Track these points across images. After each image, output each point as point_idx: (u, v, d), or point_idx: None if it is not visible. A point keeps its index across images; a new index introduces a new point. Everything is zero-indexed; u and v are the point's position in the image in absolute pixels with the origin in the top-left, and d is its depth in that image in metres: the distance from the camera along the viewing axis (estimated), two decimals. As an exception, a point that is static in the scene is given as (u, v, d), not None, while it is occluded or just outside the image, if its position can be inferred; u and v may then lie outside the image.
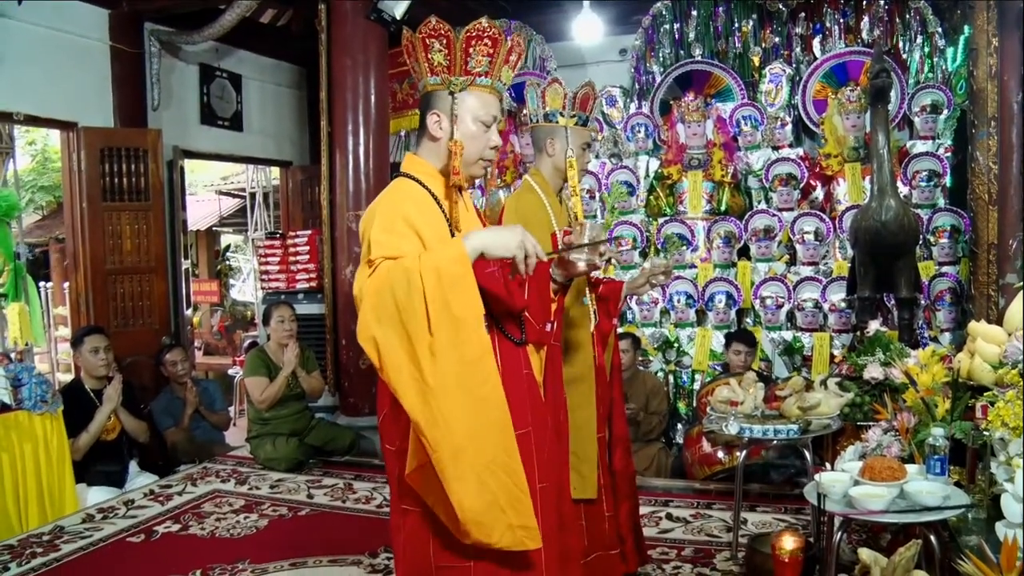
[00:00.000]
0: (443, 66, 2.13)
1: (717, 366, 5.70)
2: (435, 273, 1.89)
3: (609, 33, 7.18)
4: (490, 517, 1.94)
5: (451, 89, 2.13)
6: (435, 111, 2.15)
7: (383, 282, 1.90)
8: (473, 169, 2.18)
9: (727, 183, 6.32)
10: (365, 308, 1.92)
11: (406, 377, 1.90)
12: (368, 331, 1.91)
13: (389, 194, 2.14)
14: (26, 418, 4.35)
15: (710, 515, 4.21)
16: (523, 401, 2.11)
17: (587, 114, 3.15)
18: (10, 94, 5.60)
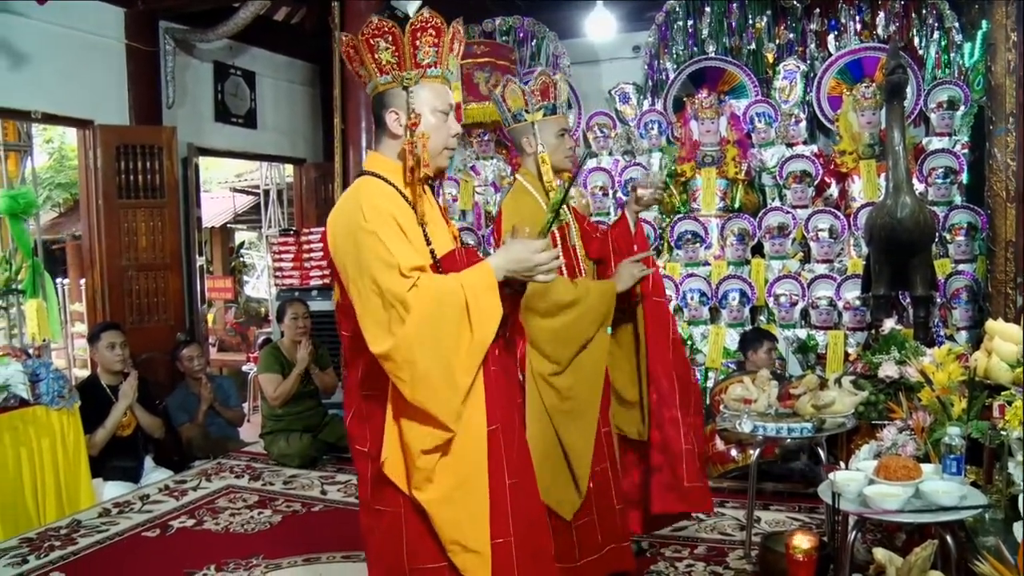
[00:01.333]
0: (392, 63, 2.13)
1: (731, 364, 5.68)
2: (478, 304, 1.98)
3: (622, 30, 7.16)
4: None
5: (404, 84, 2.13)
6: (392, 109, 2.15)
7: (437, 304, 1.96)
8: (440, 160, 2.20)
9: (741, 180, 6.30)
10: (411, 329, 1.93)
11: (438, 394, 1.96)
12: (409, 351, 1.93)
13: (367, 194, 2.10)
14: (44, 413, 4.39)
15: (723, 513, 4.20)
16: (493, 398, 2.11)
17: (552, 102, 3.15)
18: (28, 93, 5.65)
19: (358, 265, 2.00)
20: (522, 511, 2.15)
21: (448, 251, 2.16)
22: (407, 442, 2.01)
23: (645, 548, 3.73)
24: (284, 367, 5.36)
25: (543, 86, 3.14)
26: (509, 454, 2.14)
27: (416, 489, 2.02)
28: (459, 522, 2.02)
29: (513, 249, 2.07)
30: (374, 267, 1.97)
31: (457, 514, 2.02)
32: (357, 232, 2.01)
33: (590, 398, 3.11)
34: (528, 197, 3.16)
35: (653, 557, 3.71)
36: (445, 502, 2.01)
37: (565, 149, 3.19)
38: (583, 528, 3.12)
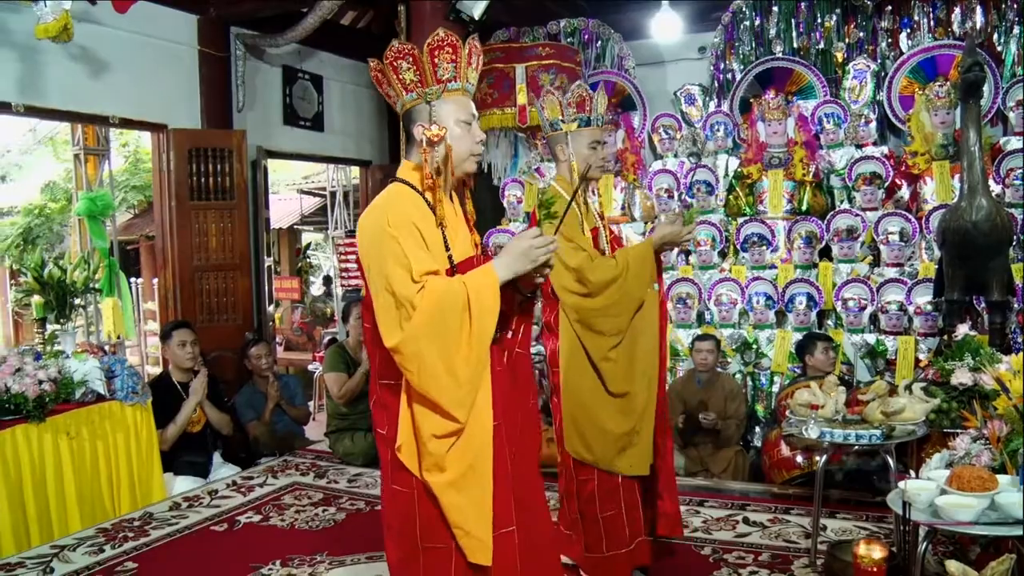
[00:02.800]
0: (415, 82, 2.31)
1: (796, 368, 5.59)
2: (479, 302, 2.15)
3: (688, 31, 7.11)
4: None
5: (428, 99, 2.31)
6: (419, 123, 2.31)
7: (440, 304, 2.13)
8: (466, 165, 2.36)
9: (808, 182, 6.19)
10: (419, 323, 2.12)
11: (441, 383, 2.14)
12: (416, 345, 2.12)
13: (393, 200, 2.29)
14: (118, 408, 4.52)
15: (788, 520, 4.13)
16: (496, 396, 2.26)
17: (587, 114, 3.29)
18: (106, 98, 5.84)
19: (378, 265, 2.18)
20: (523, 503, 2.31)
21: (467, 257, 2.33)
22: (419, 428, 2.18)
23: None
24: (349, 366, 5.44)
25: (579, 99, 3.29)
26: (511, 449, 2.30)
27: (427, 472, 2.18)
28: (463, 508, 2.18)
29: (511, 245, 2.23)
30: (390, 268, 2.15)
31: (462, 500, 2.18)
32: (381, 235, 2.19)
33: (650, 359, 3.29)
34: (562, 201, 3.21)
35: (716, 563, 3.66)
36: (452, 488, 2.17)
37: (597, 160, 3.33)
38: (610, 520, 3.28)
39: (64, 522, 4.18)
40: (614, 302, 3.23)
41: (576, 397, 3.31)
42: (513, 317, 2.41)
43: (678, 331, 6.09)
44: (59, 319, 4.70)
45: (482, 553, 2.18)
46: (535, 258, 2.19)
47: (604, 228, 3.50)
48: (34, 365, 4.15)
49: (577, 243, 3.29)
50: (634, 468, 3.29)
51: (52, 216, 12.56)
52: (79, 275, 4.76)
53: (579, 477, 3.34)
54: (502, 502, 2.24)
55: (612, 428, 3.27)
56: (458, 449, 2.18)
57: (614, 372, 3.27)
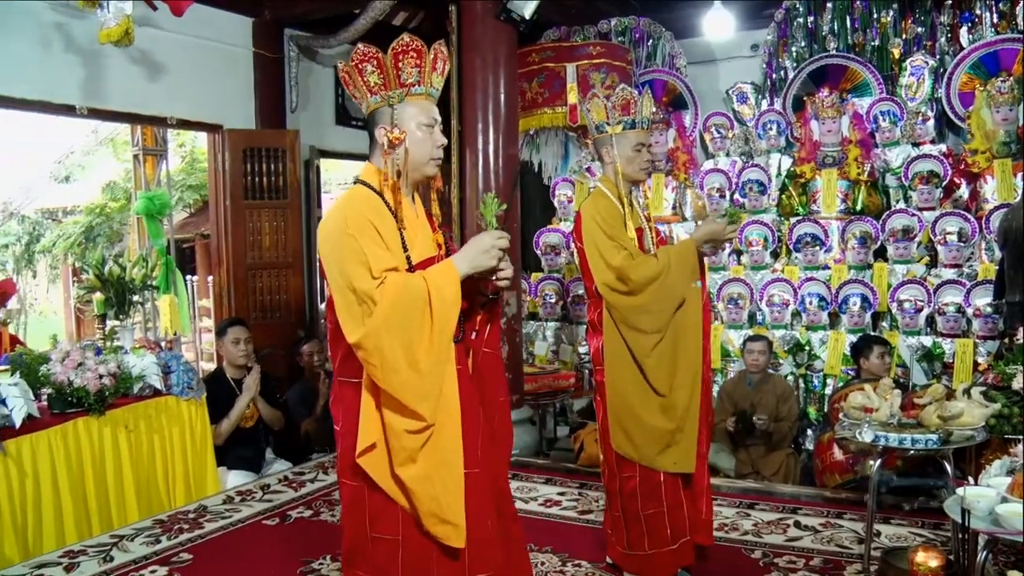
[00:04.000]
0: (379, 85, 2.35)
1: (850, 371, 5.50)
2: (440, 295, 2.21)
3: (740, 28, 7.03)
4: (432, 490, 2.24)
5: (390, 102, 2.35)
6: (381, 125, 2.36)
7: (400, 298, 2.18)
8: (427, 168, 2.40)
9: (863, 181, 6.09)
10: (380, 317, 2.17)
11: (402, 377, 2.19)
12: (378, 339, 2.17)
13: (352, 201, 2.34)
14: (174, 403, 4.62)
15: (840, 525, 4.07)
16: (462, 393, 2.33)
17: (631, 117, 3.34)
18: (164, 100, 5.97)
19: (338, 264, 2.23)
20: (484, 496, 2.37)
21: (427, 257, 2.37)
22: (390, 425, 2.23)
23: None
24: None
25: (624, 102, 3.34)
26: (472, 445, 2.34)
27: (400, 467, 2.24)
28: (437, 497, 2.24)
29: (473, 242, 2.30)
30: (349, 267, 2.21)
31: (436, 490, 2.24)
32: (340, 235, 2.24)
33: (694, 356, 3.32)
34: (606, 200, 3.41)
35: (767, 567, 3.62)
36: (426, 480, 2.24)
37: (641, 162, 3.38)
38: (652, 518, 3.30)
39: (123, 512, 4.28)
40: (655, 299, 3.27)
41: (620, 394, 3.35)
42: (476, 317, 2.48)
43: (729, 332, 6.03)
44: (118, 315, 4.81)
45: (456, 538, 2.26)
46: (496, 256, 2.26)
47: (650, 229, 3.53)
48: (95, 360, 4.25)
49: (619, 242, 3.33)
50: (679, 465, 3.31)
51: (112, 215, 12.89)
52: (137, 272, 4.87)
53: (622, 474, 3.37)
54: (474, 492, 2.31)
55: (656, 425, 3.30)
56: (431, 445, 2.24)
57: (657, 369, 3.30)
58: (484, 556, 2.32)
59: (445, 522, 2.25)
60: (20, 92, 5.15)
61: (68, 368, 4.12)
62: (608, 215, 3.37)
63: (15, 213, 13.46)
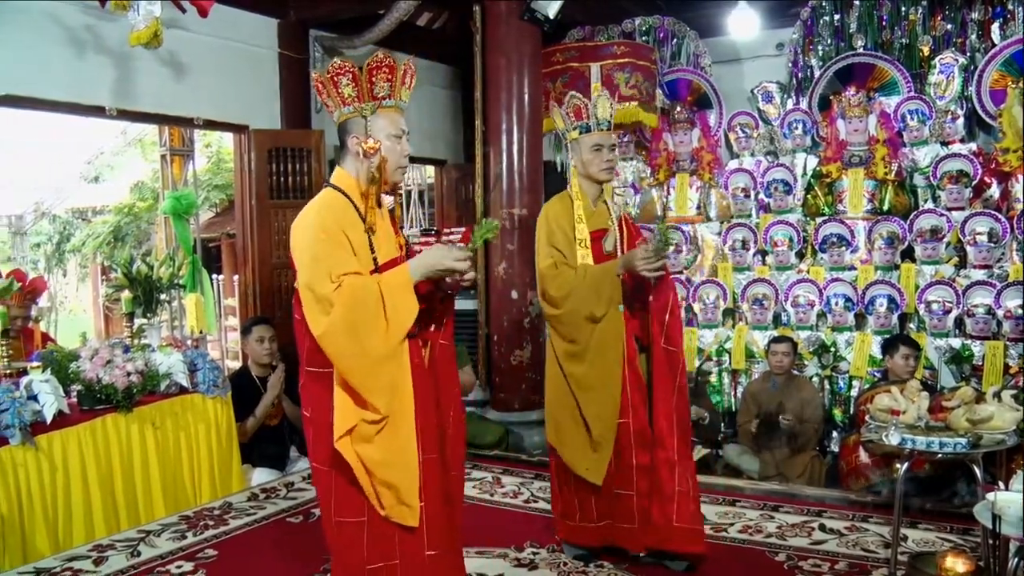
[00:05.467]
0: (352, 97, 2.54)
1: (876, 372, 5.45)
2: (391, 297, 2.41)
3: (765, 27, 7.00)
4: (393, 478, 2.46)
5: (363, 114, 2.54)
6: (354, 135, 2.55)
7: (355, 300, 2.39)
8: (395, 175, 2.60)
9: (891, 181, 6.03)
10: (336, 317, 2.37)
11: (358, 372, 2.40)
12: (335, 337, 2.38)
13: (326, 205, 2.53)
14: (200, 400, 4.66)
15: (866, 528, 4.03)
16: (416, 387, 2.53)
17: (584, 121, 3.51)
18: (191, 101, 6.03)
19: (307, 264, 2.43)
20: (435, 484, 2.57)
21: (392, 258, 2.57)
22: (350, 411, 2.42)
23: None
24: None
25: (575, 108, 3.52)
26: (427, 433, 2.55)
27: (358, 444, 2.43)
28: (395, 482, 2.45)
29: (429, 254, 2.50)
30: (312, 269, 2.42)
31: (393, 474, 2.45)
32: (311, 237, 2.46)
33: (608, 373, 3.44)
34: (560, 204, 3.59)
35: (791, 570, 3.60)
36: (384, 464, 2.44)
37: (600, 162, 3.51)
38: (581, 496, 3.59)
39: (150, 508, 4.33)
40: (566, 312, 3.46)
41: (551, 388, 3.61)
42: (435, 312, 2.68)
43: (754, 332, 6.00)
44: (146, 314, 4.86)
45: (411, 518, 2.48)
46: (446, 267, 2.47)
47: (619, 230, 3.63)
48: (123, 357, 4.30)
49: (555, 247, 3.51)
50: (589, 473, 3.48)
51: (140, 214, 13.03)
52: (165, 271, 4.91)
53: (553, 454, 3.67)
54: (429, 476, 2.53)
55: (571, 428, 3.50)
56: (388, 432, 2.44)
57: (573, 377, 3.49)
58: (437, 534, 2.55)
59: (402, 503, 2.46)
60: (52, 94, 5.23)
61: (97, 365, 4.17)
62: (556, 218, 3.55)
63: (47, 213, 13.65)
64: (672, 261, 3.40)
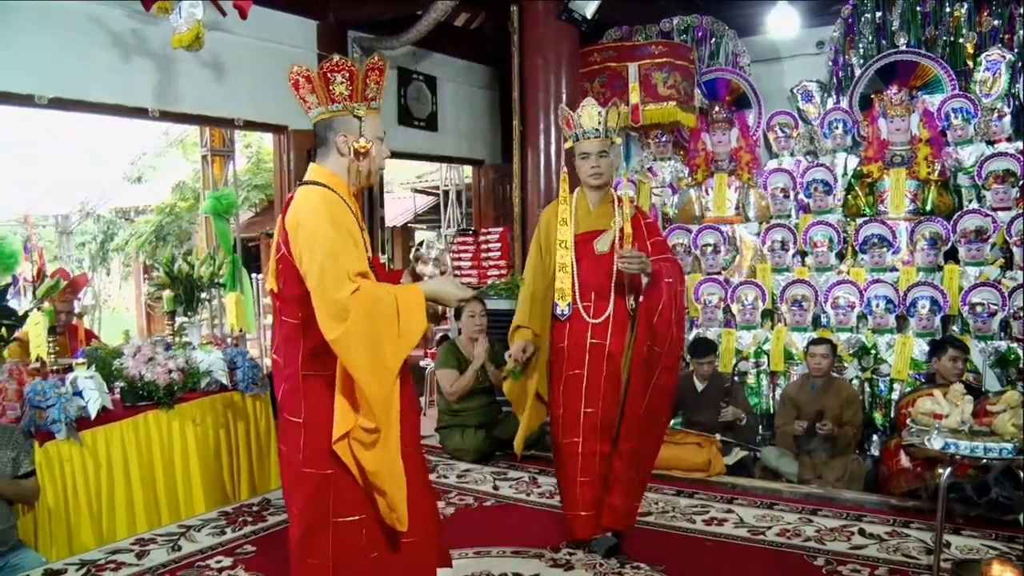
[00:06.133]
0: (344, 95, 2.51)
1: (919, 376, 5.36)
2: (407, 315, 2.45)
3: (805, 25, 6.93)
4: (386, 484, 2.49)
5: (356, 113, 2.53)
6: (342, 133, 2.53)
7: (374, 309, 2.38)
8: (375, 177, 2.65)
9: (934, 181, 5.93)
10: (354, 324, 2.34)
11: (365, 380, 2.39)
12: (348, 343, 2.35)
13: (327, 203, 2.47)
14: (239, 398, 4.72)
15: (907, 534, 3.97)
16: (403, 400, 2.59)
17: (573, 131, 3.71)
18: (231, 102, 6.11)
19: (318, 264, 2.36)
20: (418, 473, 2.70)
21: (371, 256, 2.59)
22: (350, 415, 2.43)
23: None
24: (461, 363, 5.51)
25: (565, 119, 3.74)
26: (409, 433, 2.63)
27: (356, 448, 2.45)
28: (386, 491, 2.48)
29: (443, 284, 2.63)
30: (329, 269, 2.35)
31: (384, 484, 2.47)
32: (322, 235, 2.38)
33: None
34: (553, 207, 3.84)
35: (829, 574, 3.56)
36: (376, 475, 2.46)
37: (586, 169, 3.69)
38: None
39: (190, 503, 4.40)
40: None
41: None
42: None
43: (792, 334, 5.93)
44: (187, 312, 4.94)
45: (401, 524, 2.52)
46: (450, 299, 2.61)
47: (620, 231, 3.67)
48: (164, 355, 4.37)
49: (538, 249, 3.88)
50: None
51: (181, 214, 13.22)
52: (205, 270, 4.99)
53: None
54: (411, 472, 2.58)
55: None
56: (378, 447, 2.45)
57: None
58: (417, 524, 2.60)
59: (392, 510, 2.50)
60: (97, 96, 5.34)
61: (139, 363, 4.25)
62: (544, 220, 3.86)
63: (91, 213, 13.90)
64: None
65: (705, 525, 4.15)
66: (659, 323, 3.58)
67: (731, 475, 4.94)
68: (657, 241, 3.76)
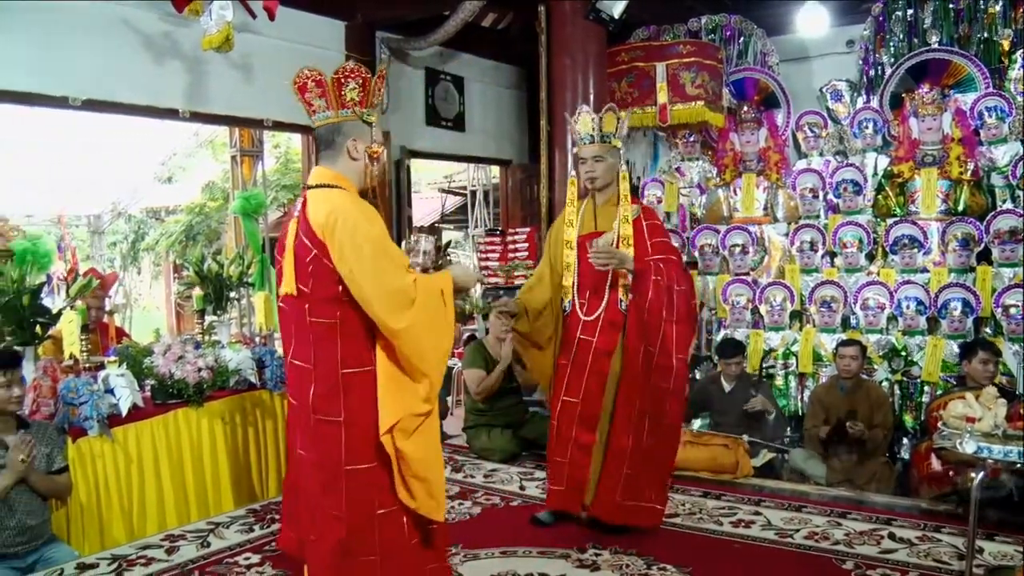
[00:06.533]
0: (355, 101, 2.61)
1: (950, 378, 5.29)
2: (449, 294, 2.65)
3: (835, 24, 6.88)
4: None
5: (364, 119, 2.64)
6: (353, 137, 2.63)
7: (431, 298, 2.57)
8: (378, 179, 2.76)
9: (966, 181, 5.85)
10: (418, 313, 2.51)
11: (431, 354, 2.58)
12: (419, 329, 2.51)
13: (358, 204, 2.60)
14: (268, 397, 4.76)
15: (939, 539, 3.92)
16: None
17: (572, 137, 3.91)
18: (260, 103, 6.16)
19: (370, 262, 2.46)
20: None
21: None
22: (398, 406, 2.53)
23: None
24: (488, 363, 5.51)
25: (570, 127, 3.90)
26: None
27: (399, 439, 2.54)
28: (427, 476, 2.59)
29: (464, 271, 2.93)
30: (385, 266, 2.48)
31: (426, 470, 2.59)
32: (362, 235, 2.47)
33: None
34: (568, 208, 4.01)
35: (858, 578, 3.53)
36: (420, 461, 2.57)
37: (583, 173, 3.88)
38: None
39: (219, 500, 4.44)
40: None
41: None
42: None
43: (821, 335, 5.88)
44: (216, 311, 4.98)
45: (437, 513, 2.64)
46: (467, 286, 2.82)
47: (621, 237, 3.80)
48: (194, 353, 4.41)
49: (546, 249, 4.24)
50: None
51: (211, 214, 13.34)
52: (234, 270, 5.03)
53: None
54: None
55: None
56: (423, 431, 2.58)
57: None
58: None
59: (431, 497, 2.60)
60: (129, 98, 5.41)
61: (169, 361, 4.29)
62: (556, 222, 4.14)
63: (122, 213, 14.06)
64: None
65: (732, 527, 4.12)
66: (649, 321, 3.72)
67: (759, 477, 4.91)
68: (658, 242, 3.85)
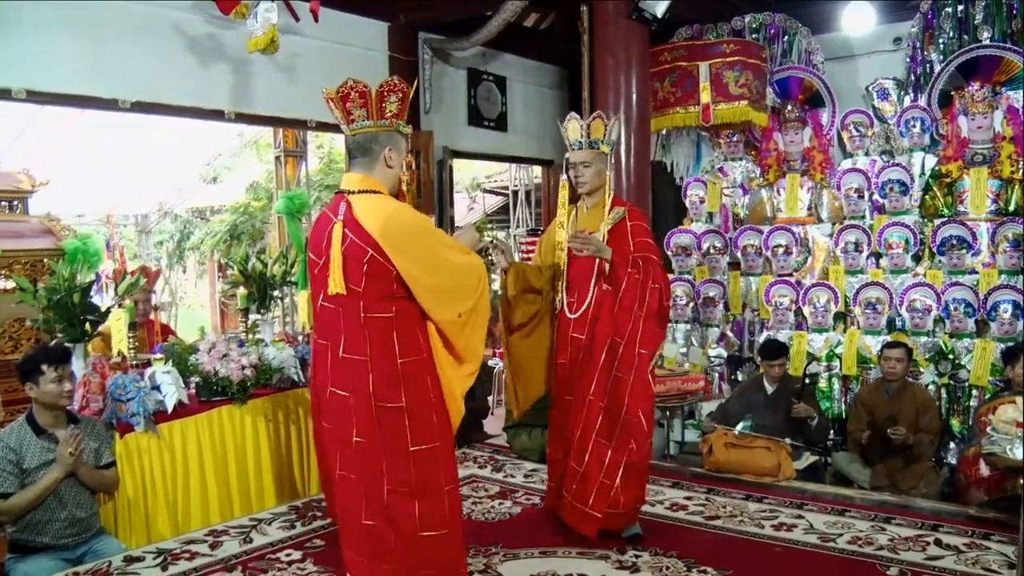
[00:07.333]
0: (393, 114, 2.83)
1: (999, 382, 5.18)
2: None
3: (881, 21, 6.77)
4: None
5: (400, 130, 2.87)
6: (390, 147, 2.84)
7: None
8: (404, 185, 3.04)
9: (1018, 180, 5.72)
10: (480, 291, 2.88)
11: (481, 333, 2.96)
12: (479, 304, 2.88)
13: (407, 206, 2.88)
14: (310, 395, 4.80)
15: (987, 547, 3.83)
16: None
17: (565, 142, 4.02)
18: (304, 104, 6.22)
19: (434, 257, 2.77)
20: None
21: None
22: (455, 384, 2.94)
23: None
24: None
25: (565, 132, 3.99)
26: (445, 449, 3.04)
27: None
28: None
29: (470, 234, 3.17)
30: (452, 255, 2.82)
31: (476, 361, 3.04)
32: (426, 233, 2.80)
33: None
34: (559, 211, 4.12)
35: (903, 585, 3.47)
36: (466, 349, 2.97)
37: (572, 177, 4.00)
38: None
39: (261, 497, 4.50)
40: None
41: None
42: None
43: (866, 338, 5.80)
44: (260, 309, 5.05)
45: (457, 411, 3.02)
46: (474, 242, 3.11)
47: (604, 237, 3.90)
48: (238, 352, 4.48)
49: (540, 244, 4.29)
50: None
51: (255, 214, 13.49)
52: (278, 269, 5.08)
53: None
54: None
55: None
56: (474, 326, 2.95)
57: None
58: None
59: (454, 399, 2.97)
60: (177, 99, 5.51)
61: (214, 359, 4.36)
62: (550, 225, 4.21)
63: (168, 212, 14.29)
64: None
65: (774, 530, 4.08)
66: (619, 312, 3.77)
67: (801, 480, 4.85)
68: (641, 242, 3.92)
